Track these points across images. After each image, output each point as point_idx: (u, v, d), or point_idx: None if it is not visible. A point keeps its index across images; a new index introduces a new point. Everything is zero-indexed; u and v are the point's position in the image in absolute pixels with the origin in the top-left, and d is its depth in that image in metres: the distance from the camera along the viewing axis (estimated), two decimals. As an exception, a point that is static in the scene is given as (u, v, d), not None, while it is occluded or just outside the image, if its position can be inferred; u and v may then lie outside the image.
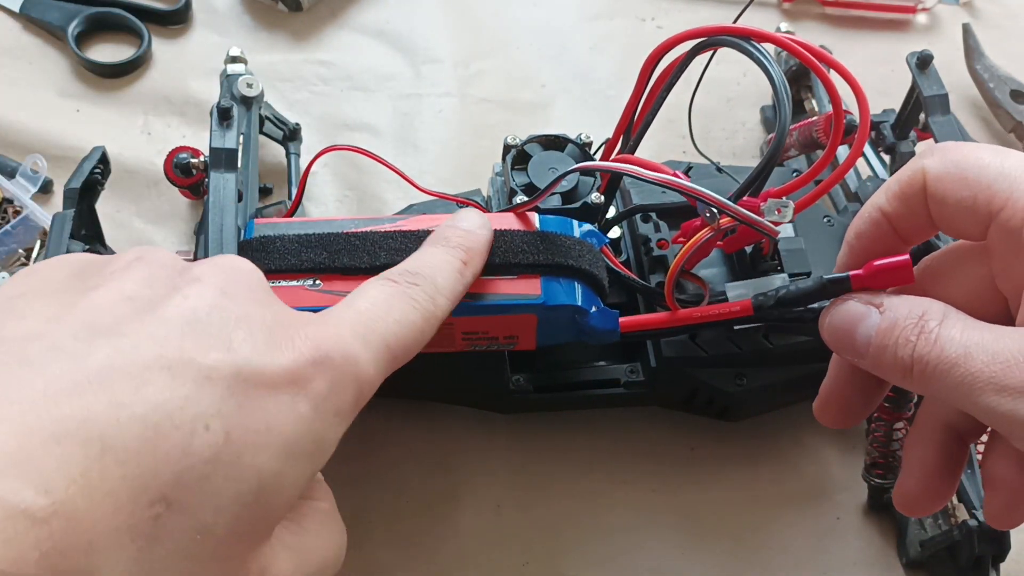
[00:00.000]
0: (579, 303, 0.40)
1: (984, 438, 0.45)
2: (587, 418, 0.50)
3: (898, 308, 0.30)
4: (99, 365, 0.24)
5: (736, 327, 0.44)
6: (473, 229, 0.38)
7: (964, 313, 0.30)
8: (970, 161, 0.31)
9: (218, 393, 0.25)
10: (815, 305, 0.35)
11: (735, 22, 0.39)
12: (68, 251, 0.43)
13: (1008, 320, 0.30)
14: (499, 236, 0.40)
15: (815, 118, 0.47)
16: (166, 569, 0.24)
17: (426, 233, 0.40)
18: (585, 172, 0.45)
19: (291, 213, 0.47)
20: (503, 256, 0.40)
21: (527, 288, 0.40)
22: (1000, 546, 0.42)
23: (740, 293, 0.43)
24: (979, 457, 0.45)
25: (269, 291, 0.30)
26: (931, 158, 0.32)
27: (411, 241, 0.40)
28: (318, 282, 0.40)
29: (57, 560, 0.22)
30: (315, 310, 0.39)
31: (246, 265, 0.30)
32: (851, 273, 0.33)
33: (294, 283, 0.39)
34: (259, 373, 0.27)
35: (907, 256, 0.33)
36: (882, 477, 0.46)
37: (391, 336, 0.31)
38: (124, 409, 0.24)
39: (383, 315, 0.32)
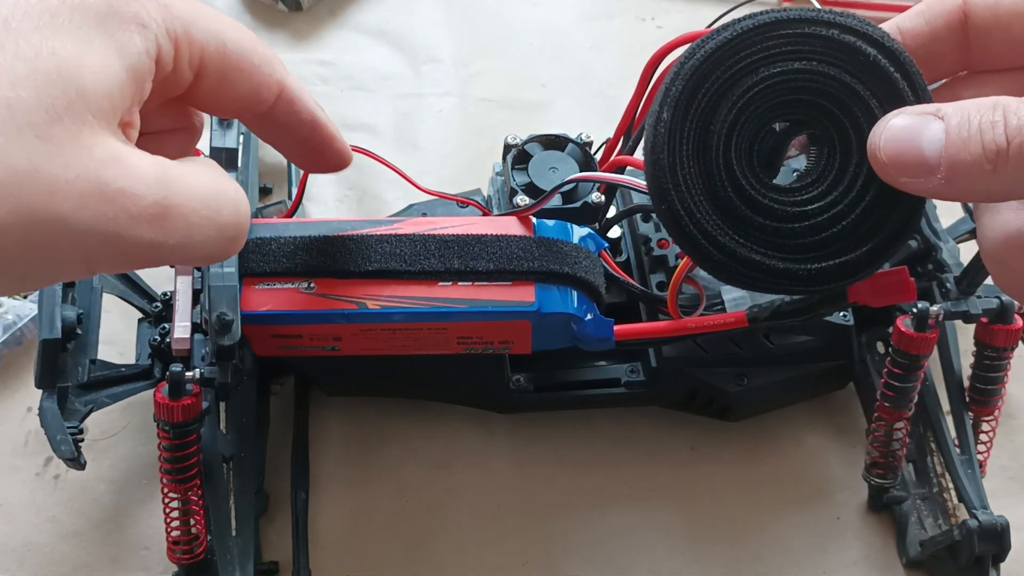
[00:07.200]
0: (574, 311, 0.40)
1: (985, 428, 0.46)
2: (587, 418, 0.50)
3: (962, 105, 0.27)
4: None
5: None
6: None
7: None
8: None
9: None
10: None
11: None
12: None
13: None
14: (495, 242, 0.40)
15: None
16: None
17: (421, 236, 0.40)
18: (585, 172, 0.45)
19: (291, 213, 0.47)
20: (498, 262, 0.40)
21: (522, 295, 0.40)
22: (1000, 546, 0.42)
23: (735, 297, 0.43)
24: (980, 457, 0.45)
25: None
26: None
27: (405, 244, 0.40)
28: (312, 285, 0.40)
29: None
30: (309, 314, 0.40)
31: None
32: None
33: (289, 286, 0.40)
34: None
35: (903, 267, 0.32)
36: (882, 477, 0.46)
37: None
38: None
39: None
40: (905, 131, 0.28)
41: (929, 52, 0.31)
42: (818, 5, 0.34)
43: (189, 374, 0.39)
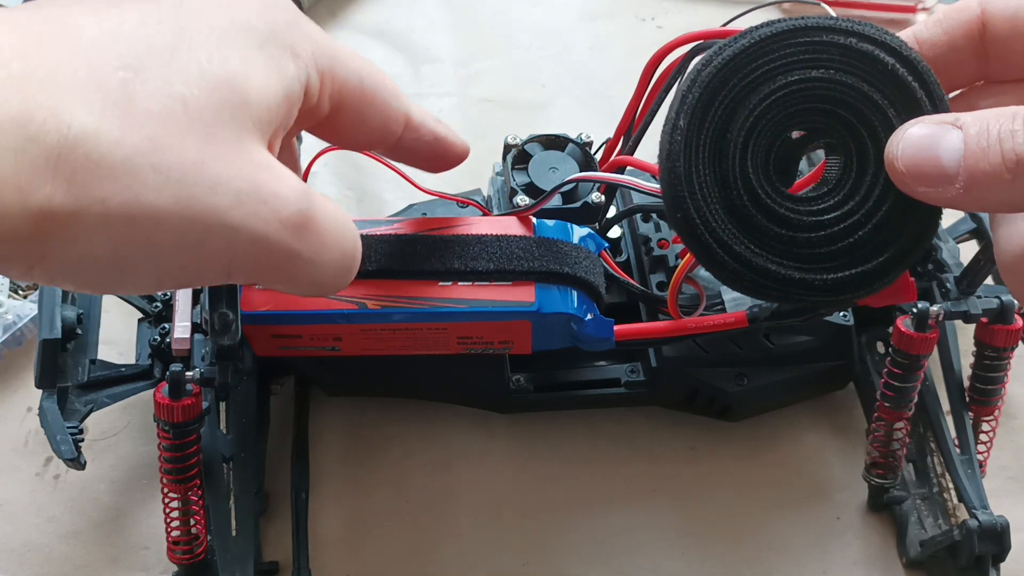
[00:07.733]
0: (574, 311, 0.40)
1: (985, 428, 0.46)
2: (587, 418, 0.50)
3: (980, 115, 0.27)
4: None
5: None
6: None
7: None
8: None
9: None
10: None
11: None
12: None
13: None
14: (495, 242, 0.40)
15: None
16: (146, 126, 0.25)
17: (421, 237, 0.40)
18: (585, 172, 0.45)
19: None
20: (498, 262, 0.40)
21: (522, 295, 0.40)
22: (1000, 546, 0.42)
23: (735, 297, 0.43)
24: (980, 457, 0.45)
25: None
26: None
27: (406, 244, 0.40)
28: None
29: (28, 104, 0.23)
30: (309, 314, 0.40)
31: None
32: None
33: None
34: None
35: None
36: (882, 477, 0.46)
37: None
38: None
39: None
40: (923, 140, 0.28)
41: (947, 61, 0.31)
42: (825, 6, 0.34)
43: (189, 374, 0.39)
